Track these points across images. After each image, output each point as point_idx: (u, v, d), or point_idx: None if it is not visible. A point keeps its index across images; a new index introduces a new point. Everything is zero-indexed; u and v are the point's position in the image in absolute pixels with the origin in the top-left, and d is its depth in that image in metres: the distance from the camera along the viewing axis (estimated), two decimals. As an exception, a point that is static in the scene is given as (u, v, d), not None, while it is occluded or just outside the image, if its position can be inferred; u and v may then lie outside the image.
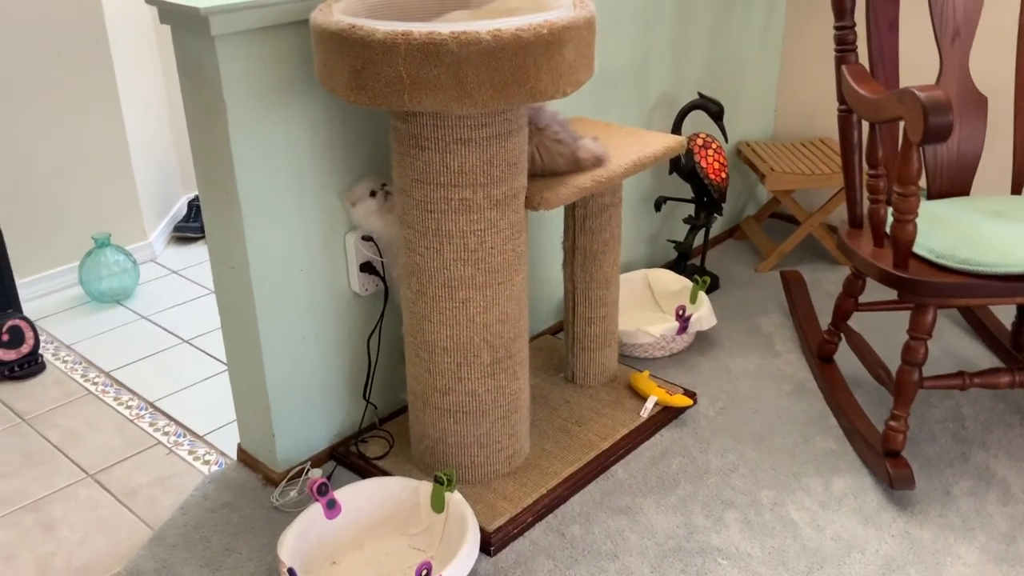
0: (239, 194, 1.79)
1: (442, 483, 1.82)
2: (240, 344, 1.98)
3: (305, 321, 1.99)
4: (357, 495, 1.85)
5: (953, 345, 2.54)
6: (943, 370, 2.41)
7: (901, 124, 1.79)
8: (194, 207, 3.39)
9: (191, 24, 1.69)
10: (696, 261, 2.98)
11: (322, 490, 1.80)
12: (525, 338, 1.94)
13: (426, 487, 1.86)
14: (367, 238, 2.01)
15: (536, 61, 1.54)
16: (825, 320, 2.64)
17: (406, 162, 1.74)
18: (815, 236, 3.01)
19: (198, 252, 3.27)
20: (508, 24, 1.51)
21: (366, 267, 2.03)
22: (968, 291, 1.84)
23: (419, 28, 1.49)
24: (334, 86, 1.61)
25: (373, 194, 1.95)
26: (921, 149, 1.80)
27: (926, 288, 1.85)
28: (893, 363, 2.37)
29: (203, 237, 3.26)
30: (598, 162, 1.97)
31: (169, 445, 2.23)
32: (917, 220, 1.85)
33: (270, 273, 1.89)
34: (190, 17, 1.66)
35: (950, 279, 1.85)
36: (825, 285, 2.88)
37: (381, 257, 2.03)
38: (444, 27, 1.49)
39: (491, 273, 1.80)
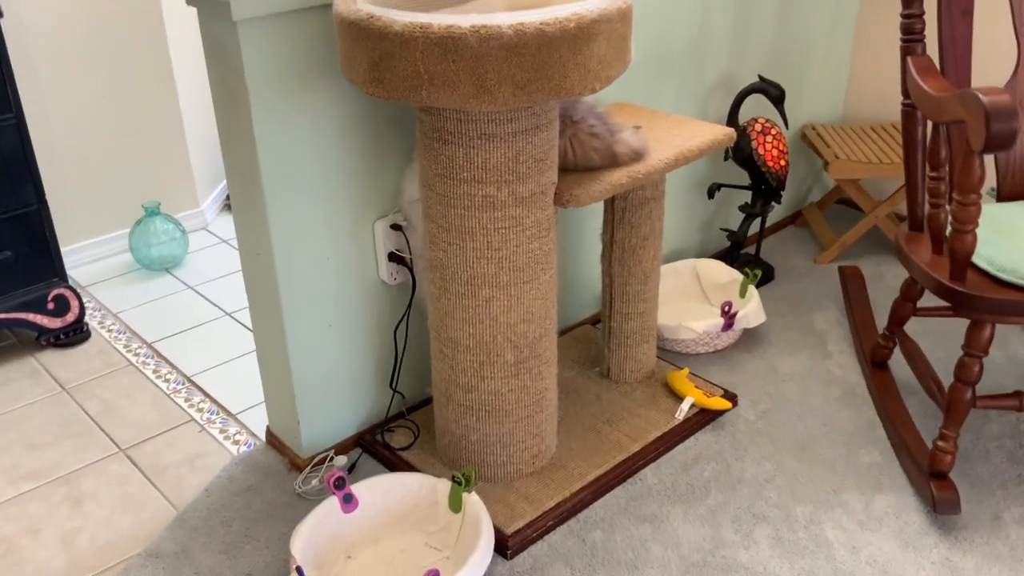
0: (263, 181, 1.75)
1: (460, 483, 1.78)
2: (266, 330, 1.97)
3: (332, 309, 1.96)
4: (375, 490, 1.83)
5: (1019, 353, 2.38)
6: (1004, 380, 2.26)
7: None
8: (248, 175, 3.39)
9: (214, 7, 1.64)
10: (751, 250, 2.86)
11: (339, 484, 1.78)
12: (553, 336, 1.88)
13: (444, 485, 1.82)
14: (396, 227, 1.96)
15: (562, 57, 1.45)
16: (882, 319, 2.51)
17: (429, 155, 1.68)
18: (881, 227, 2.85)
19: (249, 221, 3.27)
20: (532, 17, 1.42)
21: (395, 256, 1.98)
22: (1030, 309, 1.70)
23: (438, 21, 1.42)
24: (353, 77, 1.55)
25: None
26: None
27: (984, 304, 1.72)
28: (948, 373, 2.24)
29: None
30: (637, 157, 1.87)
31: (202, 422, 2.24)
32: (980, 227, 1.72)
33: (295, 261, 1.86)
34: (212, 1, 1.61)
35: (1011, 296, 1.71)
36: (888, 280, 2.74)
37: (410, 247, 1.98)
38: (464, 20, 1.41)
39: (516, 272, 1.73)
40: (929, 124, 1.92)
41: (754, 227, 2.91)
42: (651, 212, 2.07)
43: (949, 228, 1.80)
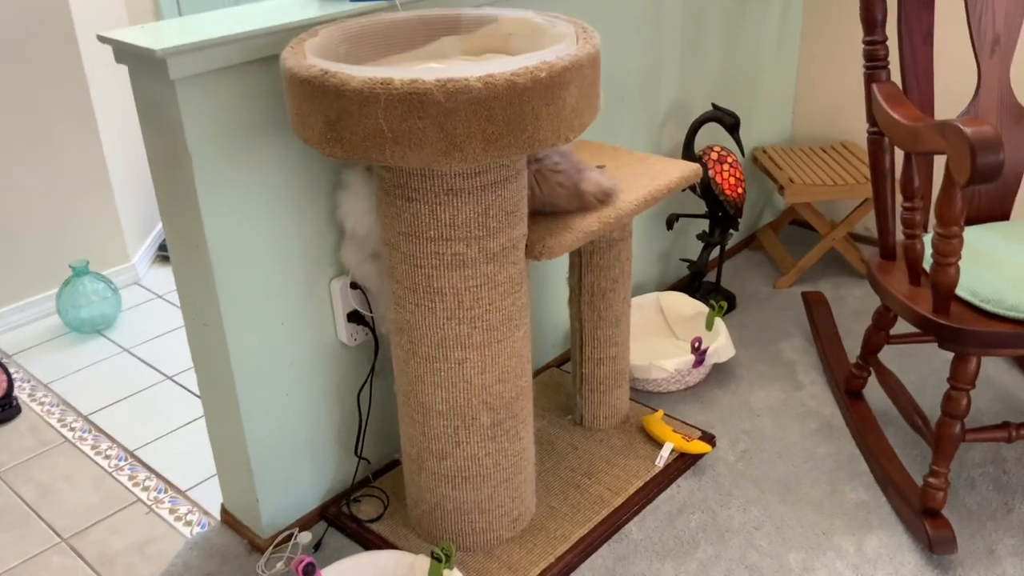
0: (209, 246, 1.62)
1: (440, 560, 1.66)
2: (218, 404, 1.82)
3: (288, 376, 1.82)
4: (347, 574, 1.70)
5: (989, 374, 2.36)
6: (981, 404, 2.23)
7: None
8: (180, 223, 3.22)
9: (148, 66, 1.51)
10: (711, 278, 2.80)
11: (308, 571, 1.65)
12: (529, 394, 1.77)
13: (423, 562, 1.70)
14: (355, 285, 1.84)
15: (534, 108, 1.35)
16: (851, 344, 2.47)
17: (392, 213, 1.56)
18: (838, 249, 2.82)
19: (185, 273, 3.10)
20: (501, 68, 1.33)
21: (354, 316, 1.86)
22: (1017, 341, 1.66)
23: (400, 76, 1.31)
24: (307, 136, 1.43)
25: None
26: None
27: (970, 337, 1.68)
28: (927, 397, 2.22)
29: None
30: (605, 197, 1.79)
31: (149, 503, 2.08)
32: (957, 258, 1.67)
33: (248, 329, 1.72)
34: (146, 59, 1.48)
35: (997, 327, 1.67)
36: (849, 302, 2.71)
37: (370, 307, 1.86)
38: (428, 74, 1.31)
39: (489, 331, 1.63)
40: (898, 151, 1.88)
41: (713, 254, 2.86)
42: (619, 254, 1.99)
43: (927, 257, 1.75)
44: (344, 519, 1.93)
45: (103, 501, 2.09)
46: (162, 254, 3.20)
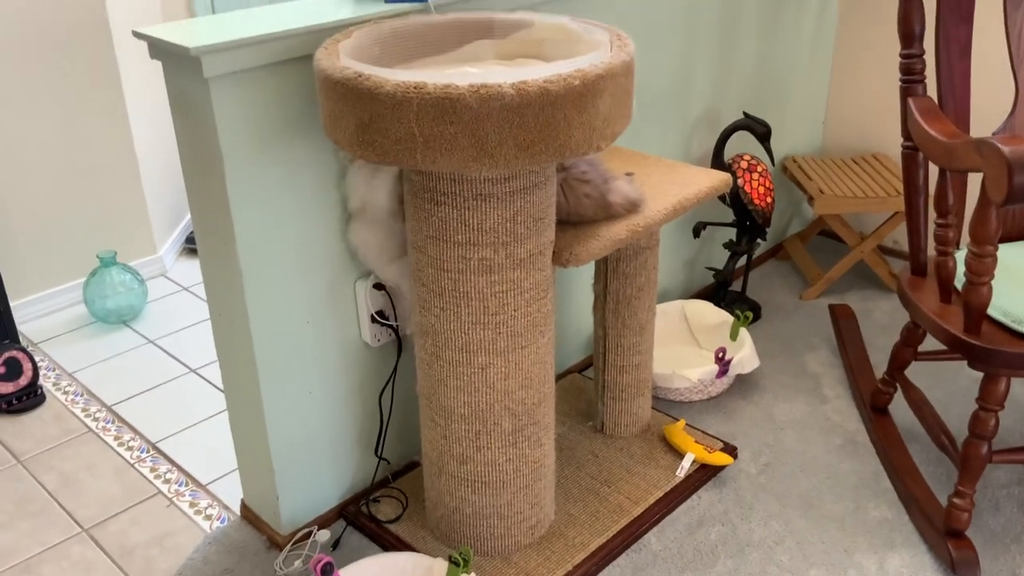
0: (237, 243, 1.62)
1: (458, 564, 1.66)
2: (241, 400, 1.83)
3: (312, 375, 1.83)
4: (365, 575, 1.70)
5: (1015, 392, 2.33)
6: (1007, 424, 2.20)
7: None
8: (207, 216, 3.24)
9: (182, 63, 1.51)
10: (736, 287, 2.78)
11: (327, 570, 1.65)
12: (551, 401, 1.77)
13: (441, 566, 1.70)
14: (379, 286, 1.84)
15: (567, 116, 1.35)
16: (877, 358, 2.44)
17: (420, 217, 1.56)
18: (867, 262, 2.80)
19: (210, 266, 3.12)
20: (535, 75, 1.32)
21: (378, 316, 1.86)
22: (1049, 363, 1.64)
23: (434, 80, 1.31)
24: (339, 138, 1.43)
25: None
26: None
27: (1001, 358, 1.65)
28: (952, 415, 2.19)
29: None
30: (632, 207, 1.78)
31: (170, 495, 2.09)
32: (991, 277, 1.65)
33: (272, 326, 1.73)
34: (180, 56, 1.48)
35: (1029, 349, 1.65)
36: (876, 316, 2.68)
37: (394, 307, 1.86)
38: (462, 79, 1.31)
39: (514, 337, 1.63)
40: (932, 166, 1.86)
41: (739, 262, 2.84)
42: (646, 262, 1.97)
43: (960, 275, 1.73)
44: (363, 519, 1.93)
45: (124, 492, 2.10)
46: (189, 247, 3.22)
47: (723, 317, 2.46)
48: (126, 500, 2.08)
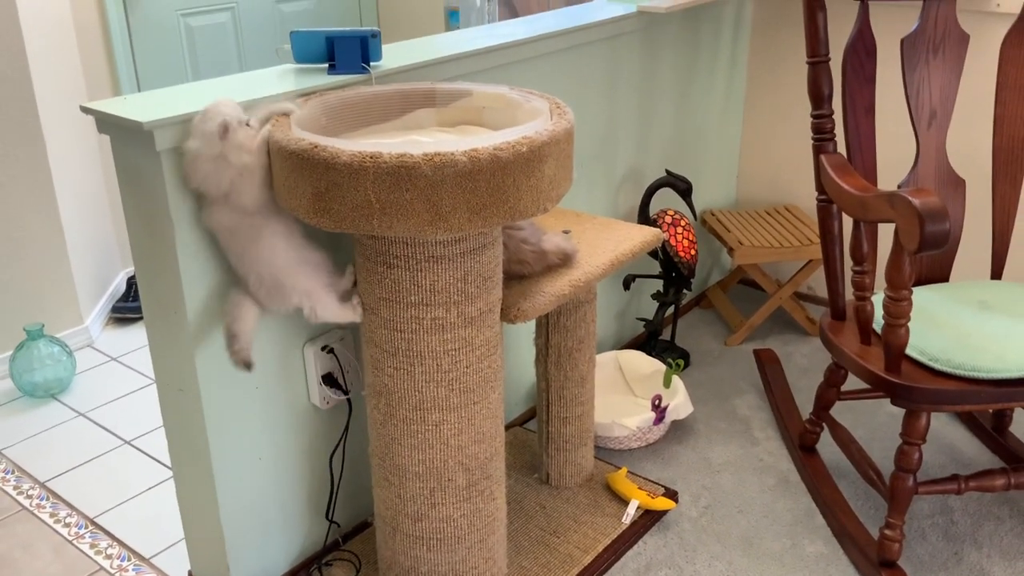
0: (188, 316, 1.63)
1: (417, 622, 1.67)
2: (189, 468, 1.82)
3: (262, 440, 1.83)
4: (324, 638, 1.70)
5: (932, 426, 2.47)
6: (926, 457, 2.33)
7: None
8: (133, 284, 3.21)
9: (132, 136, 1.54)
10: (666, 336, 2.89)
11: (286, 637, 1.64)
12: (502, 454, 1.81)
13: (399, 625, 1.71)
14: (328, 349, 1.86)
15: (515, 181, 1.42)
16: (802, 399, 2.56)
17: (373, 279, 1.61)
18: (785, 308, 2.94)
19: (138, 335, 3.07)
20: (485, 143, 1.39)
21: (327, 379, 1.88)
22: (965, 397, 1.76)
23: (388, 149, 1.37)
24: (295, 207, 1.47)
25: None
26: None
27: (921, 394, 1.77)
28: (877, 450, 2.30)
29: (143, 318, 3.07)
30: (566, 258, 1.86)
31: (113, 571, 2.04)
32: (906, 319, 1.77)
33: (223, 394, 1.73)
34: (132, 131, 1.51)
35: (945, 385, 1.77)
36: (796, 358, 2.81)
37: (343, 370, 1.89)
38: (415, 148, 1.37)
39: (466, 393, 1.67)
40: (845, 216, 1.99)
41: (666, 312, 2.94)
42: (585, 315, 2.05)
43: (878, 317, 1.85)
44: (315, 583, 1.92)
45: (64, 570, 2.05)
46: (116, 316, 3.17)
47: (656, 366, 2.55)
48: (66, 579, 2.03)
